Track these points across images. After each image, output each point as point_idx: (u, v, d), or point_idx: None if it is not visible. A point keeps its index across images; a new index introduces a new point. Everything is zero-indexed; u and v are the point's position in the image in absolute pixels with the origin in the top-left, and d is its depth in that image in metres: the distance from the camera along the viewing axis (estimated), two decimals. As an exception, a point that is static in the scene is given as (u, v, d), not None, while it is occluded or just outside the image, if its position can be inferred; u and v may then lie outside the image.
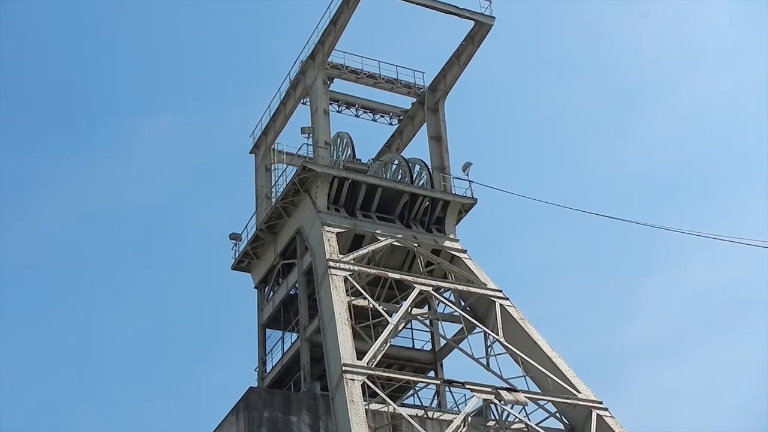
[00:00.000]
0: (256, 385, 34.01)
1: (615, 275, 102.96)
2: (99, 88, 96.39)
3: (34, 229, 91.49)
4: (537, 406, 27.18)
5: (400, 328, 30.19)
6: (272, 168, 38.09)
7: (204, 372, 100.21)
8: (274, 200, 35.54)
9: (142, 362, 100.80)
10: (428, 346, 34.37)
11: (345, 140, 36.18)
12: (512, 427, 27.73)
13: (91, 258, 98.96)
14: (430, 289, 30.36)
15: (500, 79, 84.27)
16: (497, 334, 29.35)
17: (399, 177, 35.28)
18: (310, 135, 34.93)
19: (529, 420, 26.50)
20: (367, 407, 24.63)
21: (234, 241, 37.18)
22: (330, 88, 36.75)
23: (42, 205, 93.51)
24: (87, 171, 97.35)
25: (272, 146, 38.09)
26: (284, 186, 34.49)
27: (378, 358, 26.85)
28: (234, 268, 36.92)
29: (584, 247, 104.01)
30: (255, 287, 36.48)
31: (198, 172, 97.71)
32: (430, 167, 35.43)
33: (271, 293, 35.60)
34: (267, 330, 35.68)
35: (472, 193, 34.99)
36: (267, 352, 35.31)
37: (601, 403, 27.45)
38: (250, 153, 39.30)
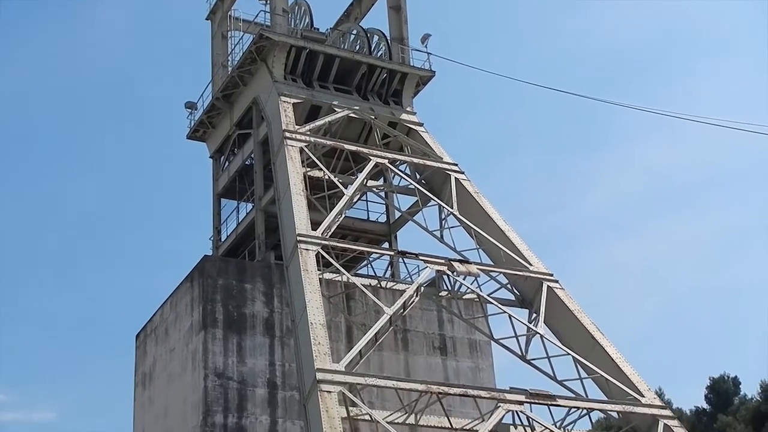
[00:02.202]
0: (211, 254, 34.20)
1: (570, 152, 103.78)
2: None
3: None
4: (489, 278, 27.55)
5: (355, 199, 30.29)
6: (228, 35, 37.45)
7: (159, 240, 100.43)
8: (230, 69, 35.08)
9: (97, 230, 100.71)
10: (383, 218, 34.61)
11: (303, 8, 35.57)
12: (464, 297, 28.19)
13: (45, 126, 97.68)
14: (385, 161, 30.37)
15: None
16: (451, 207, 29.54)
17: (357, 47, 34.87)
18: (268, 2, 34.29)
19: (480, 291, 26.89)
20: (321, 276, 24.85)
21: (189, 110, 36.80)
22: (288, -46, 35.94)
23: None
24: (41, 35, 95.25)
25: (228, 13, 37.38)
26: (240, 54, 34.00)
27: (332, 229, 26.98)
28: (189, 137, 36.63)
29: (540, 123, 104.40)
30: (210, 157, 36.29)
31: (154, 37, 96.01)
32: (388, 38, 35.04)
33: (227, 163, 35.46)
34: (222, 200, 35.69)
35: (430, 66, 34.78)
36: (222, 222, 35.40)
37: (551, 275, 27.87)
38: (206, 19, 38.52)
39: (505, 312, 26.36)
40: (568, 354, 25.58)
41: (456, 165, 31.32)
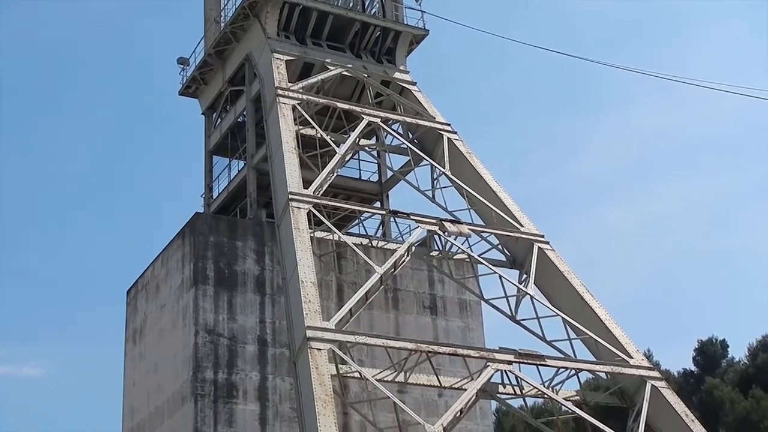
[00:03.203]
0: (202, 211, 34.15)
1: (563, 114, 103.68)
2: None
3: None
4: (480, 238, 27.57)
5: (347, 158, 30.22)
6: (221, -10, 37.14)
7: (150, 196, 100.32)
8: (223, 25, 34.82)
9: (88, 185, 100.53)
10: (375, 178, 34.56)
11: (296, -36, 35.22)
12: (455, 257, 28.22)
13: (36, 81, 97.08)
14: (378, 120, 30.25)
15: None
16: (444, 167, 29.48)
17: (350, 5, 34.61)
18: (261, -42, 33.93)
19: (471, 251, 26.92)
20: (312, 235, 24.84)
21: (182, 66, 36.57)
22: None
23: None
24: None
25: (221, -32, 37.04)
26: (233, 10, 33.74)
27: (324, 188, 26.94)
28: (181, 93, 36.41)
29: (534, 85, 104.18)
30: (202, 113, 36.11)
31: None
32: (382, -5, 34.78)
33: (219, 120, 35.31)
34: (214, 157, 35.58)
35: (424, 24, 34.58)
36: (213, 179, 35.32)
37: (542, 236, 27.89)
38: (198, -26, 38.13)
39: (495, 272, 26.40)
40: (558, 315, 25.66)
41: (449, 125, 31.23)
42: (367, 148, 31.80)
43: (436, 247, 27.22)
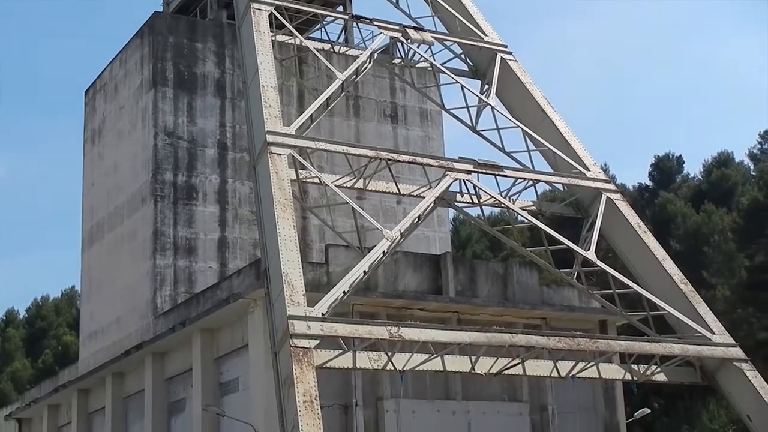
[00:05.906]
0: (161, 10, 33.40)
1: None
2: None
3: None
4: (443, 47, 27.26)
5: (310, -40, 29.44)
6: None
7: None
8: None
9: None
10: (338, -19, 33.82)
11: None
12: (417, 66, 27.96)
13: None
14: None
15: None
16: (408, -28, 28.79)
17: None
18: None
19: (434, 60, 26.65)
20: (273, 38, 24.40)
21: None
22: None
23: None
24: None
25: None
26: None
27: (287, -11, 26.26)
28: None
29: None
30: None
31: None
32: None
33: None
34: (173, -46, 34.52)
35: None
36: (173, -23, 34.40)
37: (506, 47, 27.61)
38: None
39: (457, 82, 26.23)
40: (518, 126, 25.68)
41: (416, -73, 30.30)
42: (331, -51, 30.96)
43: (399, 55, 26.91)
